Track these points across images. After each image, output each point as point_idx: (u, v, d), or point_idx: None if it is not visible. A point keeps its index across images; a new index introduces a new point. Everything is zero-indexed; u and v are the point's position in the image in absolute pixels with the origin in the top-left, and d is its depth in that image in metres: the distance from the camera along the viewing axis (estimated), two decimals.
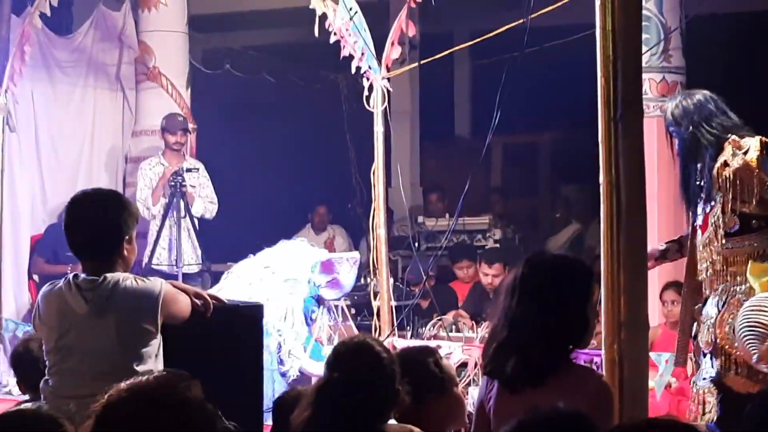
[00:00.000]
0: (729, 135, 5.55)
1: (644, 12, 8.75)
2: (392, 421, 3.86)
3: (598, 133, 4.09)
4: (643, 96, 8.57)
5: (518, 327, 3.82)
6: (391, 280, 8.76)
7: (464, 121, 15.28)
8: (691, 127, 5.69)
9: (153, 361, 4.33)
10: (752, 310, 5.23)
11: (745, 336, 5.18)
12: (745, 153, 5.48)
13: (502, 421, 3.63)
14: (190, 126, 10.30)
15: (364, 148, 8.73)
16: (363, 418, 3.69)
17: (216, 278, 10.08)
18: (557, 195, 13.42)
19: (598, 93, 4.10)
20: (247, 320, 4.95)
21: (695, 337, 5.70)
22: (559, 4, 7.36)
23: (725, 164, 5.55)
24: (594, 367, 4.79)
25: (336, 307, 7.79)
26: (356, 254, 7.87)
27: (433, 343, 7.99)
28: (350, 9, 8.10)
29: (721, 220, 5.58)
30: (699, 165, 5.66)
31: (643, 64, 8.59)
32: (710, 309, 5.61)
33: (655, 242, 8.47)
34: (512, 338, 3.83)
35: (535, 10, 7.62)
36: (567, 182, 13.22)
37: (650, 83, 8.81)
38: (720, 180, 5.55)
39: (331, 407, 3.68)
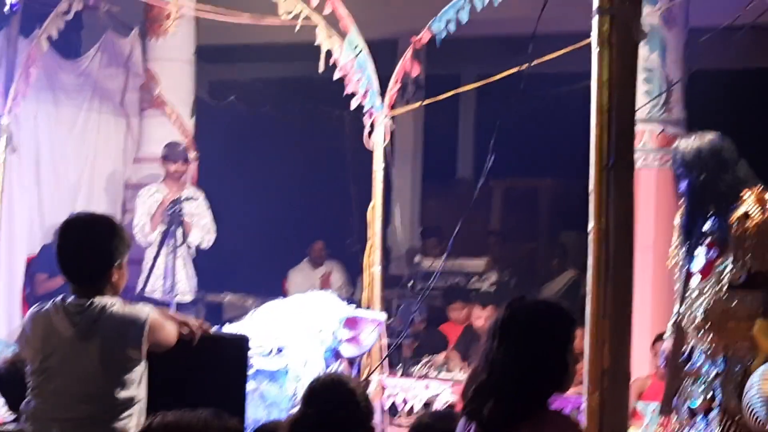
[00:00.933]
0: (745, 185, 5.55)
1: (647, 64, 8.82)
2: None
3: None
4: (643, 147, 8.74)
5: (497, 370, 3.83)
6: (385, 317, 8.77)
7: (467, 163, 15.31)
8: (704, 174, 5.67)
9: (136, 387, 4.34)
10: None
11: (758, 410, 5.04)
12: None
13: None
14: (192, 155, 10.32)
15: (365, 185, 8.77)
16: None
17: (210, 308, 10.12)
18: (556, 241, 13.43)
19: (592, 141, 4.12)
20: (232, 350, 4.96)
21: (680, 393, 5.65)
22: (561, 52, 7.41)
23: (746, 216, 5.54)
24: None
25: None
26: (382, 315, 7.85)
27: (422, 383, 8.02)
28: (356, 47, 8.16)
29: (729, 271, 5.54)
30: (709, 210, 5.64)
31: (644, 116, 8.73)
32: (701, 362, 5.57)
33: (648, 292, 8.54)
34: (491, 381, 3.84)
35: (540, 56, 7.70)
36: (566, 228, 13.23)
37: (650, 135, 8.86)
38: (738, 231, 5.52)
39: None
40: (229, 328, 7.16)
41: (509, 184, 14.60)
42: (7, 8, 8.52)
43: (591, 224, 4.09)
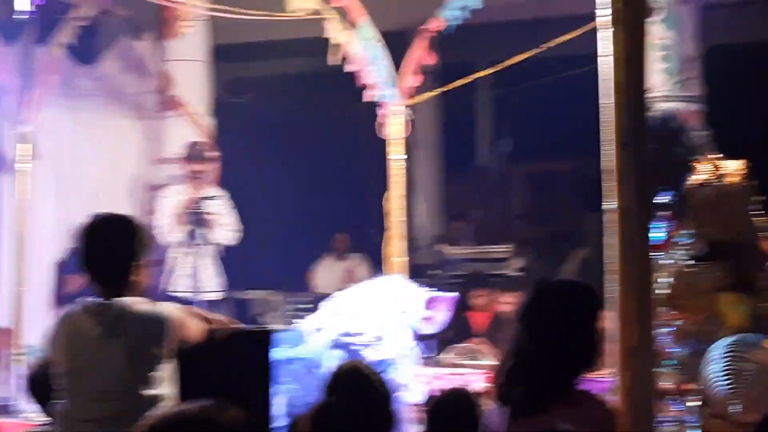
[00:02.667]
0: (698, 153, 5.42)
1: (664, 41, 8.80)
2: None
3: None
4: None
5: (526, 354, 3.84)
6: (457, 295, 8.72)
7: (486, 150, 15.31)
8: (655, 144, 5.50)
9: (162, 385, 4.37)
10: (733, 358, 4.68)
11: (721, 384, 4.85)
12: (725, 176, 5.37)
13: None
14: (213, 154, 10.35)
15: (384, 176, 8.78)
16: None
17: (237, 305, 10.15)
18: (578, 222, 13.42)
19: (605, 120, 4.12)
20: (257, 343, 4.99)
21: None
22: (574, 34, 7.41)
23: (702, 185, 5.40)
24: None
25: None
26: (455, 294, 7.87)
27: (452, 371, 8.02)
28: (370, 38, 8.16)
29: (689, 242, 5.39)
30: (664, 181, 5.39)
31: (663, 93, 8.70)
32: (668, 341, 5.41)
33: None
34: (520, 365, 3.85)
35: (553, 38, 7.71)
36: (588, 209, 13.23)
37: None
38: (695, 201, 5.37)
39: (329, 430, 3.72)
40: (310, 320, 7.27)
41: (529, 169, 14.61)
42: (24, 16, 8.53)
43: (610, 203, 4.10)
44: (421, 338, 7.34)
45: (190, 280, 9.48)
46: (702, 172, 5.42)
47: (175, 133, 10.64)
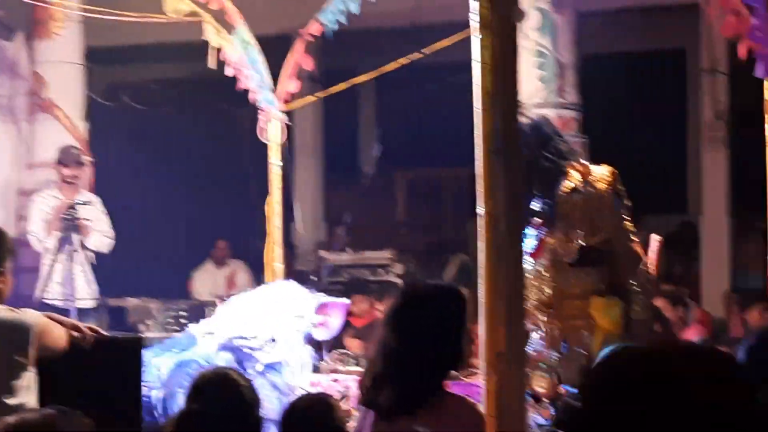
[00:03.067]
0: (568, 160, 5.45)
1: (540, 49, 8.89)
2: None
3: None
4: None
5: (393, 357, 3.82)
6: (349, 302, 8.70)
7: (369, 155, 15.33)
8: (524, 149, 5.52)
9: (25, 393, 4.26)
10: None
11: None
12: (596, 183, 5.42)
13: None
14: (87, 159, 10.16)
15: (265, 182, 8.73)
16: None
17: (113, 313, 9.98)
18: (460, 229, 13.49)
19: (477, 126, 4.12)
20: (126, 351, 4.90)
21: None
22: (451, 41, 7.44)
23: (572, 191, 5.49)
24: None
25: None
26: (347, 301, 7.86)
27: (331, 377, 8.00)
28: (246, 42, 8.10)
29: (562, 249, 5.44)
30: (535, 188, 5.48)
31: (539, 100, 8.79)
32: (542, 346, 5.46)
33: None
34: (387, 368, 3.83)
35: (434, 44, 7.73)
36: (471, 216, 13.31)
37: None
38: (567, 207, 5.44)
39: None
40: (205, 322, 7.21)
41: (413, 175, 14.67)
42: None
43: (480, 209, 4.10)
44: (313, 344, 7.33)
45: (64, 287, 9.29)
46: (572, 178, 5.47)
47: (47, 137, 10.41)
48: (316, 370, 8.27)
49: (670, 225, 12.72)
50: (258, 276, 11.92)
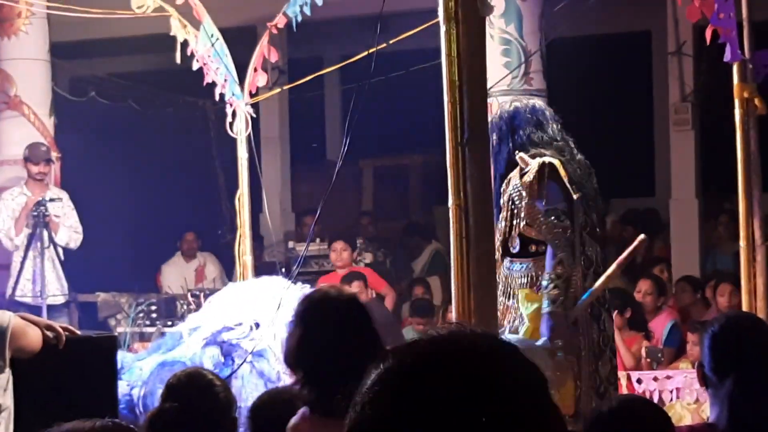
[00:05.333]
0: (522, 151, 5.45)
1: (505, 36, 8.89)
2: None
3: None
4: None
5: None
6: None
7: (335, 145, 15.32)
8: (499, 136, 5.56)
9: (1, 395, 4.25)
10: None
11: None
12: (525, 176, 5.40)
13: None
14: (54, 155, 10.13)
15: (233, 175, 8.73)
16: None
17: (84, 308, 9.97)
18: (427, 216, 13.52)
19: (445, 118, 4.14)
20: (101, 351, 4.90)
21: None
22: (417, 30, 7.45)
23: (509, 182, 5.52)
24: None
25: None
26: None
27: None
28: (212, 35, 8.08)
29: (500, 239, 5.47)
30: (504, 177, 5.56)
31: (505, 87, 8.80)
32: None
33: None
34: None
35: (401, 32, 7.73)
36: (437, 203, 13.34)
37: None
38: (503, 197, 5.50)
39: None
40: (192, 317, 7.28)
41: (379, 162, 14.66)
42: None
43: (450, 201, 4.13)
44: None
45: (34, 283, 9.28)
46: (516, 169, 5.56)
47: (14, 134, 10.36)
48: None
49: (639, 208, 12.81)
50: (228, 268, 11.93)
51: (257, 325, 6.88)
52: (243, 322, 6.91)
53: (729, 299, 8.61)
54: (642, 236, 5.67)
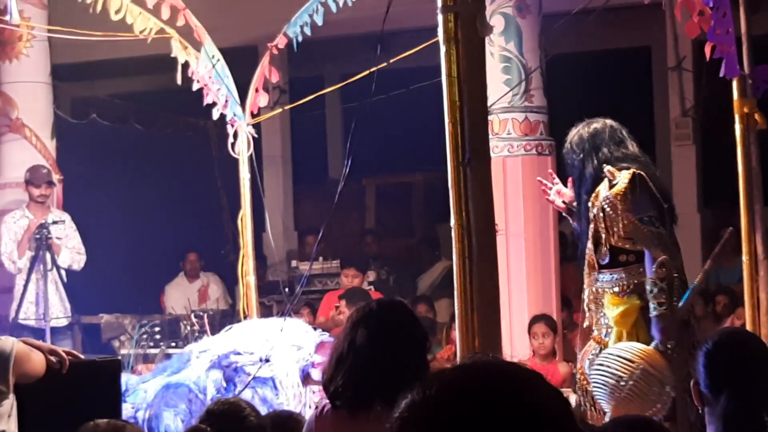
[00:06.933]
0: (613, 166, 5.58)
1: (505, 53, 8.90)
2: None
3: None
4: (507, 136, 8.82)
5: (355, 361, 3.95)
6: None
7: (337, 163, 15.33)
8: (582, 155, 5.72)
9: (6, 421, 4.25)
10: (608, 358, 5.13)
11: (596, 387, 5.11)
12: (615, 187, 5.53)
13: None
14: (56, 177, 10.15)
15: (235, 195, 8.74)
16: None
17: (86, 330, 9.96)
18: (431, 234, 13.51)
19: (447, 138, 4.14)
20: (104, 375, 4.90)
21: None
22: (419, 48, 7.46)
23: (597, 195, 5.60)
24: None
25: None
26: None
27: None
28: (212, 56, 8.11)
29: (591, 251, 5.61)
30: (590, 191, 5.69)
31: (506, 105, 8.82)
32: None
33: (522, 277, 8.66)
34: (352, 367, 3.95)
35: (402, 50, 7.75)
36: (441, 221, 13.33)
37: (513, 123, 8.95)
38: (593, 211, 5.59)
39: None
40: (204, 340, 7.28)
41: (381, 181, 14.66)
42: None
43: (452, 221, 4.13)
44: (307, 382, 7.31)
45: (37, 306, 9.29)
46: (603, 183, 5.72)
47: (16, 157, 10.39)
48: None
49: None
50: (231, 288, 11.93)
51: (267, 360, 6.93)
52: (255, 352, 6.95)
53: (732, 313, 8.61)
54: (730, 228, 5.78)
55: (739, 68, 6.57)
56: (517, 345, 8.38)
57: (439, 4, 4.02)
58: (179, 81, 8.07)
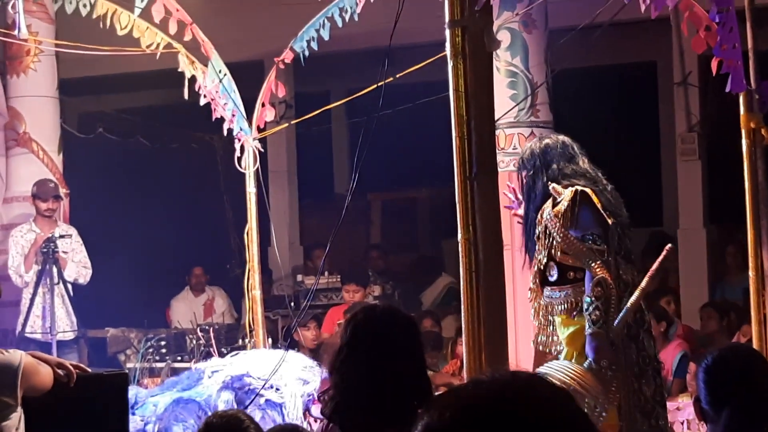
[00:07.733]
0: (561, 183, 5.56)
1: (511, 68, 8.92)
2: None
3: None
4: (512, 150, 8.83)
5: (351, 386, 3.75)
6: (270, 340, 8.77)
7: (343, 178, 15.34)
8: (532, 171, 5.71)
9: None
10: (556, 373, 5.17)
11: None
12: (558, 205, 5.51)
13: None
14: (62, 191, 10.17)
15: (241, 209, 8.76)
16: None
17: (92, 344, 9.98)
18: (436, 249, 13.51)
19: (454, 152, 4.16)
20: (112, 388, 4.90)
21: None
22: (425, 63, 7.47)
23: (542, 213, 5.59)
24: None
25: None
26: None
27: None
28: (219, 71, 8.14)
29: (541, 266, 5.60)
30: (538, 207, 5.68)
31: (512, 120, 8.83)
32: None
33: (510, 291, 8.65)
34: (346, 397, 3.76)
35: (408, 65, 7.77)
36: (446, 236, 13.34)
37: (519, 138, 8.96)
38: (539, 228, 5.59)
39: None
40: (217, 360, 7.32)
41: (387, 196, 14.67)
42: None
43: (459, 235, 4.14)
44: (306, 416, 7.33)
45: (44, 320, 9.31)
46: (549, 200, 5.70)
47: (23, 171, 10.41)
48: None
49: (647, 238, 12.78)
50: (236, 302, 11.94)
51: (277, 389, 6.96)
52: (268, 378, 6.99)
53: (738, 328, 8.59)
54: (669, 245, 5.73)
55: (746, 83, 6.57)
56: (522, 358, 8.37)
57: (447, 18, 4.04)
58: (186, 96, 8.10)
